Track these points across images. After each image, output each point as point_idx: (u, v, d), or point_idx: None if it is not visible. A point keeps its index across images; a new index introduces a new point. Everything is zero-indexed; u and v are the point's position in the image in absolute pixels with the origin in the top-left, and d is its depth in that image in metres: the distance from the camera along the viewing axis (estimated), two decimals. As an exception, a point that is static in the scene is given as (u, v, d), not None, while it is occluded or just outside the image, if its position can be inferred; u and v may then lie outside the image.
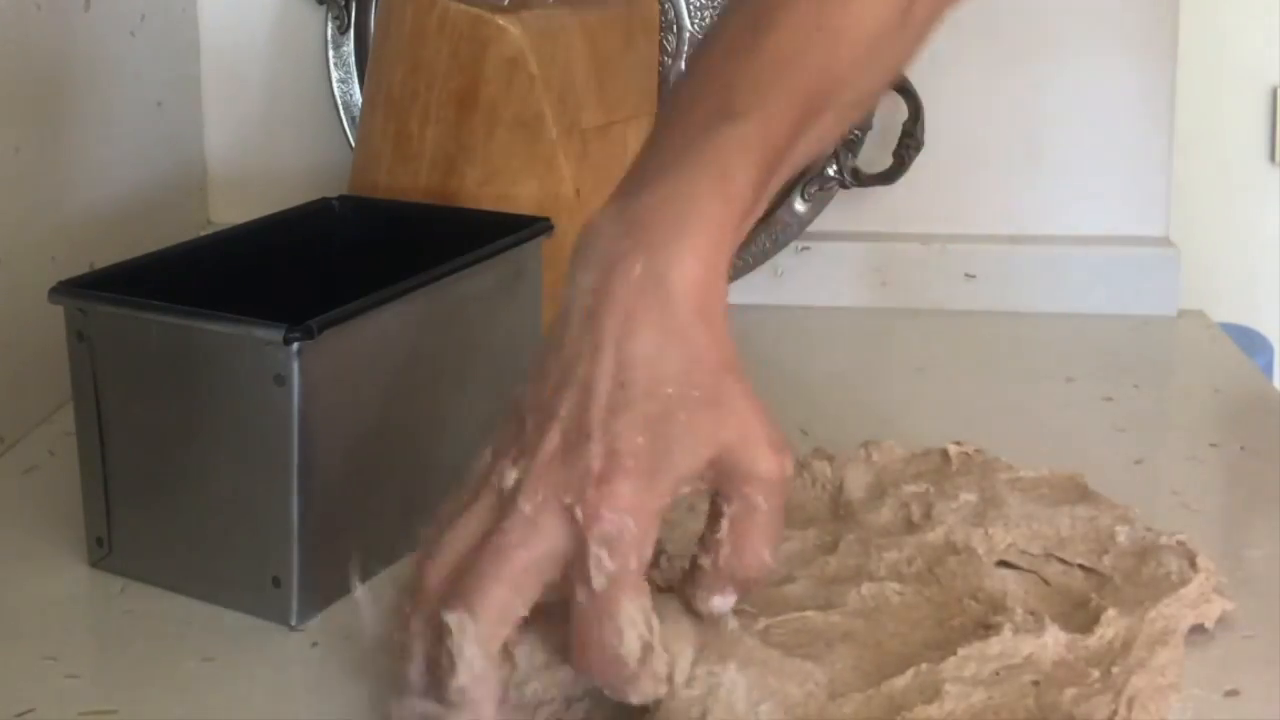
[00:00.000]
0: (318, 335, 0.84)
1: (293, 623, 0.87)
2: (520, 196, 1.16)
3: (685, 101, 0.80)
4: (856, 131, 1.40)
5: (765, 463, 0.71)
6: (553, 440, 0.70)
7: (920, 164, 1.40)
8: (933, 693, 0.74)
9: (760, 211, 0.79)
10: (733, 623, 0.76)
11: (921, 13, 0.84)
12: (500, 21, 1.15)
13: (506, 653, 0.72)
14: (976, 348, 1.36)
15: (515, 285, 1.04)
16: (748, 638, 0.76)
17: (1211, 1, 1.57)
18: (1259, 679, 0.81)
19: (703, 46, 0.84)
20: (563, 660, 0.72)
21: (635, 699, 0.70)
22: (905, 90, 1.38)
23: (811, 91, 0.79)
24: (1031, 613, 0.81)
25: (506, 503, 0.70)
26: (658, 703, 0.71)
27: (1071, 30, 1.43)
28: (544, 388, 0.72)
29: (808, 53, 0.80)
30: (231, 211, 1.40)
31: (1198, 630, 0.83)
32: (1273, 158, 1.62)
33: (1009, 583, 0.86)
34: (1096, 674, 0.76)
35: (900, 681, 0.75)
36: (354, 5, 1.44)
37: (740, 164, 0.75)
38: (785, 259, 1.43)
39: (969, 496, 0.92)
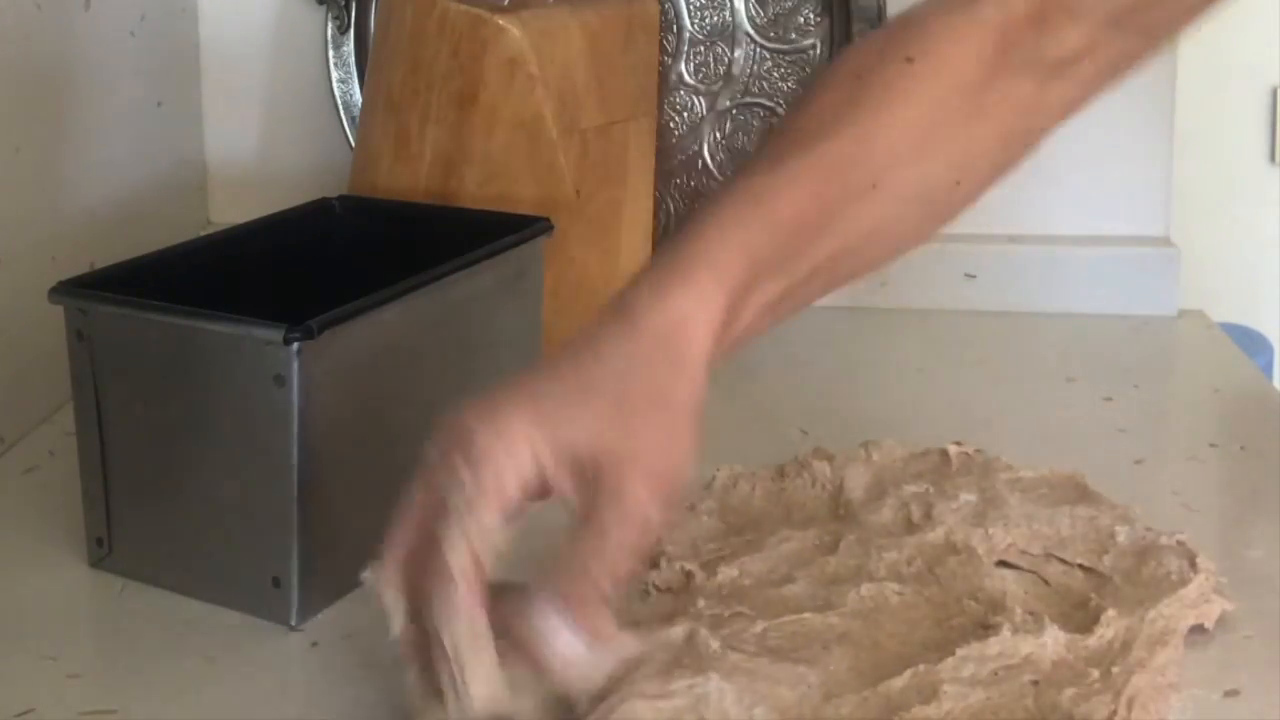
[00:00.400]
0: (318, 335, 0.84)
1: (293, 623, 0.87)
2: (519, 197, 1.16)
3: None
4: (856, 131, 1.40)
5: (634, 491, 0.70)
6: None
7: (920, 164, 1.39)
8: (930, 693, 0.74)
9: (780, 287, 0.78)
10: (714, 643, 0.76)
11: (1000, 100, 0.81)
12: (500, 22, 1.15)
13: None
14: (976, 348, 1.36)
15: (515, 285, 1.04)
16: (731, 653, 0.76)
17: (1211, 2, 1.57)
18: (1259, 679, 0.81)
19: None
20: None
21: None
22: (905, 90, 1.38)
23: (831, 173, 0.78)
24: (1031, 613, 0.81)
25: None
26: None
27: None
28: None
29: (831, 132, 0.79)
30: (231, 211, 1.40)
31: (1198, 630, 0.83)
32: (1273, 158, 1.62)
33: (1009, 583, 0.86)
34: (1096, 674, 0.76)
35: (898, 682, 0.75)
36: (354, 5, 1.44)
37: (728, 244, 0.75)
38: (785, 259, 1.43)
39: (969, 496, 0.92)
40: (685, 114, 1.42)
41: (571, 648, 0.69)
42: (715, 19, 1.41)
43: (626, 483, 0.70)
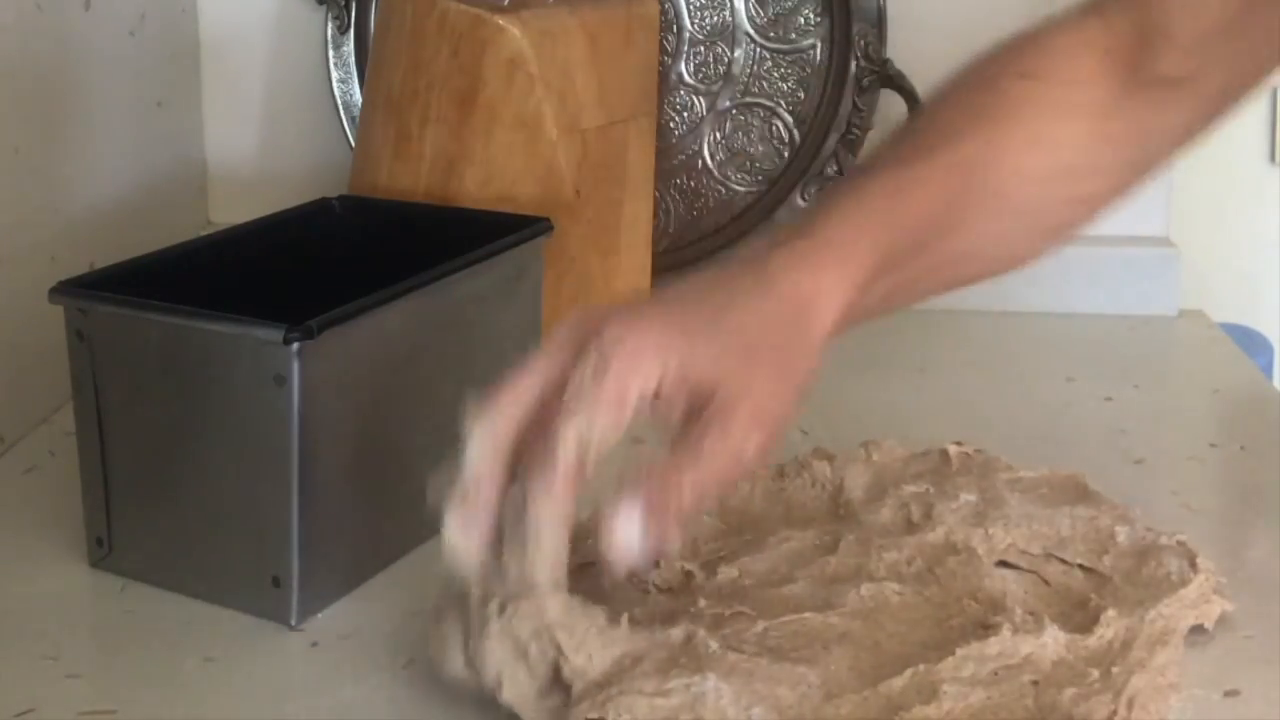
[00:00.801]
0: (317, 335, 0.84)
1: (293, 622, 0.87)
2: (520, 197, 1.16)
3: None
4: (856, 130, 1.40)
5: (740, 424, 0.73)
6: None
7: (920, 163, 1.39)
8: (930, 693, 0.74)
9: (908, 273, 0.82)
10: (713, 644, 0.76)
11: (1123, 124, 0.85)
12: (500, 21, 1.15)
13: None
14: (976, 348, 1.35)
15: (515, 285, 1.03)
16: (731, 653, 0.76)
17: None
18: (1259, 679, 0.81)
19: None
20: None
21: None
22: (904, 89, 1.38)
23: (967, 167, 0.82)
24: (1031, 613, 0.81)
25: None
26: None
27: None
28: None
29: (966, 131, 0.83)
30: (231, 211, 1.39)
31: (1198, 630, 0.83)
32: (1273, 158, 1.62)
33: (1009, 583, 0.86)
34: (1096, 674, 0.76)
35: (898, 682, 0.75)
36: (354, 5, 1.44)
37: (867, 228, 0.79)
38: (785, 259, 1.43)
39: (969, 497, 0.92)
40: (685, 114, 1.42)
41: (629, 538, 0.71)
42: (715, 19, 1.41)
43: (735, 416, 0.72)
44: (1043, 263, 1.40)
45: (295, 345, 0.83)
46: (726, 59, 1.41)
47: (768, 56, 1.41)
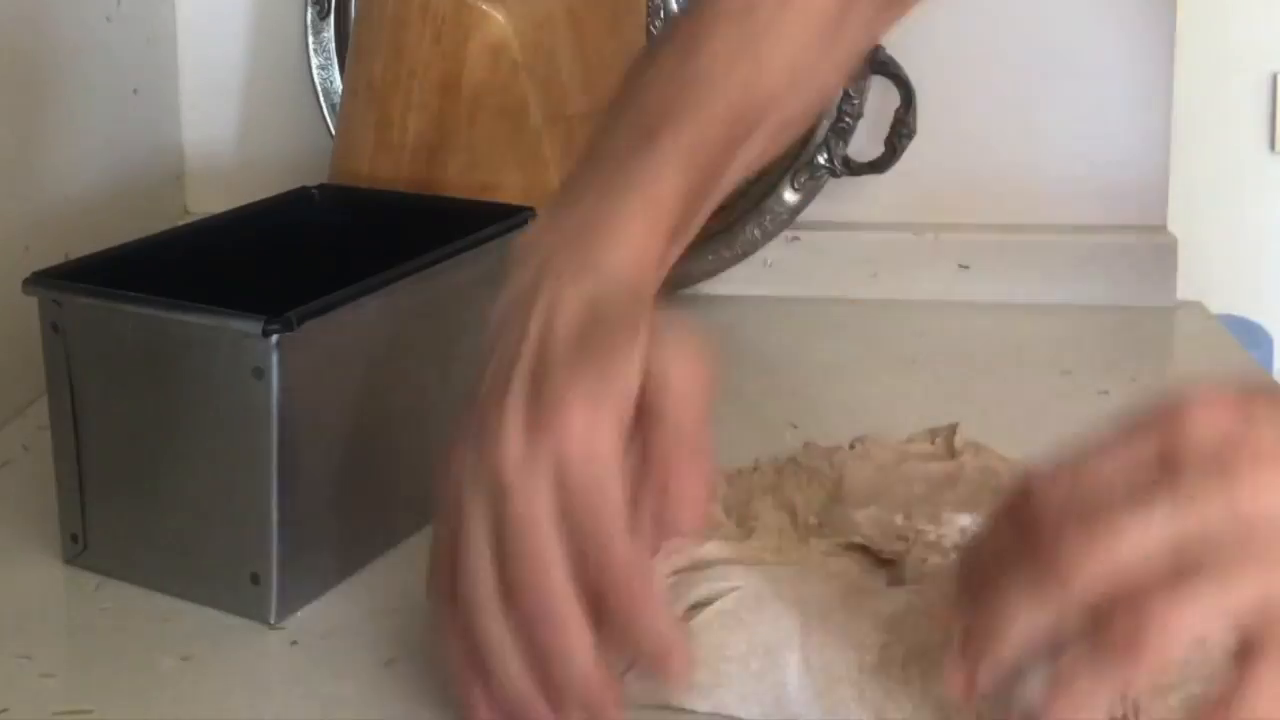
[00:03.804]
0: (297, 327, 0.82)
1: (272, 620, 0.86)
2: (504, 186, 1.16)
3: (617, 123, 0.82)
4: (848, 119, 1.39)
5: (678, 367, 0.70)
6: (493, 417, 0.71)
7: (913, 152, 1.38)
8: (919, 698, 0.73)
9: (698, 222, 0.81)
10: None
11: (851, 36, 0.87)
12: (484, 7, 1.14)
13: None
14: (970, 340, 1.34)
15: (499, 276, 1.03)
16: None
17: (1211, -14, 1.56)
18: (1260, 678, 0.79)
19: (635, 69, 0.85)
20: None
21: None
22: (897, 77, 1.37)
23: (737, 112, 0.81)
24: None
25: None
26: None
27: (1069, 16, 1.41)
28: (480, 376, 0.74)
29: (730, 76, 0.82)
30: (209, 201, 1.39)
31: (1197, 628, 0.82)
32: (1273, 146, 1.61)
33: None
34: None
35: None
36: (335, -10, 1.43)
37: (666, 184, 0.78)
38: (775, 249, 1.42)
39: (967, 492, 0.91)
40: (672, 102, 1.40)
41: None
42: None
43: (665, 367, 0.72)
44: (1037, 253, 1.41)
45: (274, 337, 0.82)
46: (715, 46, 1.40)
47: (757, 43, 1.39)
